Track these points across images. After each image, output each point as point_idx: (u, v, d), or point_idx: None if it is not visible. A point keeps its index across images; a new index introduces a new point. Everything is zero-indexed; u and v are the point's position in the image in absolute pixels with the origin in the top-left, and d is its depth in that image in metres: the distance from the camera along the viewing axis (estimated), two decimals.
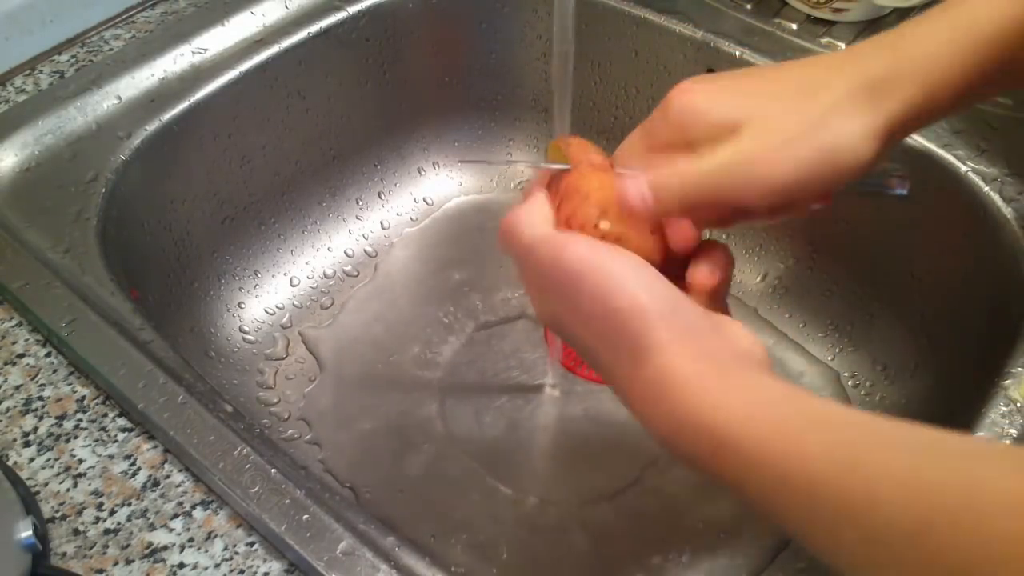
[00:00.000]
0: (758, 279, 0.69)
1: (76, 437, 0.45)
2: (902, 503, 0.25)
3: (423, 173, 0.78)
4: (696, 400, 0.31)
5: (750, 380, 0.32)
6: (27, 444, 0.44)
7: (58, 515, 0.42)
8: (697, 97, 0.37)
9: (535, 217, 0.38)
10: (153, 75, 0.63)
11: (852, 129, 0.35)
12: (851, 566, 0.27)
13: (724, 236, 0.70)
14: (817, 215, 0.40)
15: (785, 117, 0.35)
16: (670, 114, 0.37)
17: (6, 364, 0.48)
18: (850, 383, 0.64)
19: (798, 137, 0.35)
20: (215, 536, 0.41)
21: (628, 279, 0.34)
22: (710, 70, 0.65)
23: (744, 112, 0.36)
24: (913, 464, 0.26)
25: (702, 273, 0.38)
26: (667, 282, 0.35)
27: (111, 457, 0.44)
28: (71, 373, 0.47)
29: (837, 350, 0.66)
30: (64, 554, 0.40)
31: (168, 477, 0.43)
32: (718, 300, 0.38)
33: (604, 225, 0.37)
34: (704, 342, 0.33)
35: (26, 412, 0.46)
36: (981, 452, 0.26)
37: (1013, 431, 0.44)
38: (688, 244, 0.38)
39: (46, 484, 0.43)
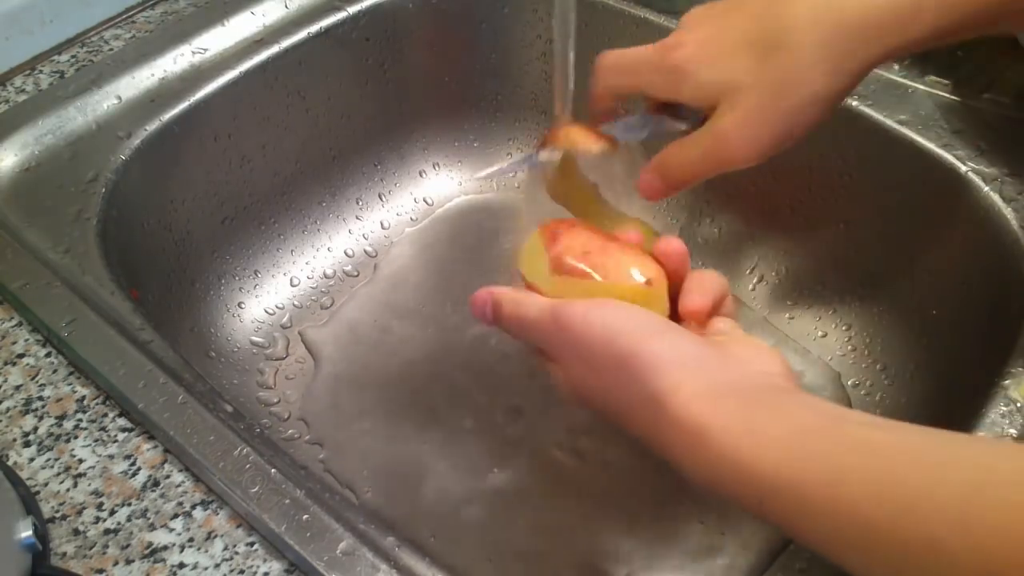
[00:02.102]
0: (758, 280, 0.69)
1: (76, 437, 0.45)
2: (964, 547, 0.24)
3: (423, 173, 0.78)
4: (723, 449, 0.30)
5: (773, 411, 0.31)
6: (27, 444, 0.44)
7: (58, 515, 0.42)
8: (694, 55, 0.40)
9: (525, 298, 0.39)
10: (153, 75, 0.63)
11: (818, 88, 0.38)
12: None
13: (720, 238, 0.71)
14: None
15: (757, 86, 0.38)
16: (669, 67, 0.40)
17: (6, 364, 0.48)
18: (850, 383, 0.64)
19: (768, 106, 0.38)
20: (215, 536, 0.41)
21: (623, 331, 0.34)
22: None
23: (723, 78, 0.39)
24: (967, 500, 0.25)
25: (692, 300, 0.38)
26: (666, 321, 0.35)
27: (111, 457, 0.44)
28: (71, 373, 0.47)
29: (837, 350, 0.66)
30: (64, 554, 0.40)
31: (168, 477, 0.43)
32: (714, 325, 0.38)
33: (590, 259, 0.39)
34: (719, 376, 0.32)
35: (26, 412, 0.46)
36: None
37: (1013, 431, 0.44)
38: (679, 272, 0.39)
39: (46, 484, 0.43)
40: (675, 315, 0.38)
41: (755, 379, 0.33)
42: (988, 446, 0.27)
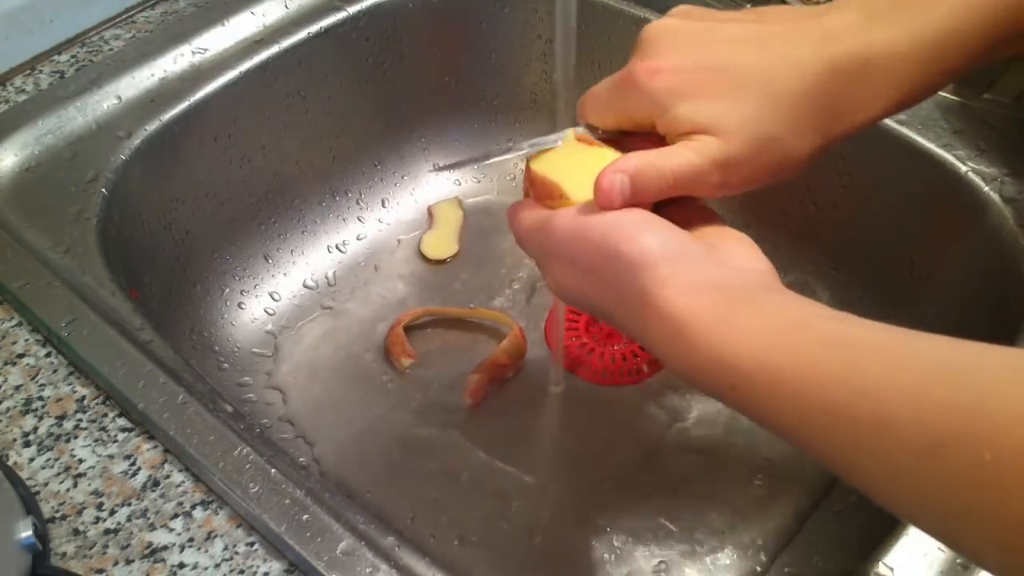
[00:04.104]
0: None
1: (76, 437, 0.45)
2: (912, 423, 0.26)
3: (423, 173, 0.78)
4: (706, 340, 0.32)
5: (756, 307, 0.32)
6: (27, 444, 0.44)
7: (58, 515, 0.42)
8: (674, 86, 0.37)
9: (527, 206, 0.41)
10: (153, 75, 0.63)
11: (805, 145, 0.37)
12: (871, 486, 0.28)
13: None
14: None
15: (748, 129, 0.37)
16: (646, 95, 0.38)
17: (6, 364, 0.48)
18: None
19: (756, 151, 0.37)
20: (215, 536, 0.41)
21: (613, 227, 0.35)
22: None
23: (716, 119, 0.37)
24: (922, 383, 0.27)
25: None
26: (655, 218, 0.36)
27: (111, 457, 0.44)
28: (71, 373, 0.47)
29: None
30: (64, 554, 0.40)
31: (168, 477, 0.43)
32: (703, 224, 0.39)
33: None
34: (703, 271, 0.33)
35: (26, 412, 0.46)
36: (990, 365, 0.27)
37: None
38: None
39: (46, 484, 0.43)
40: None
41: (740, 276, 0.34)
42: (954, 341, 0.28)
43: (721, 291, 0.33)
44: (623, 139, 0.41)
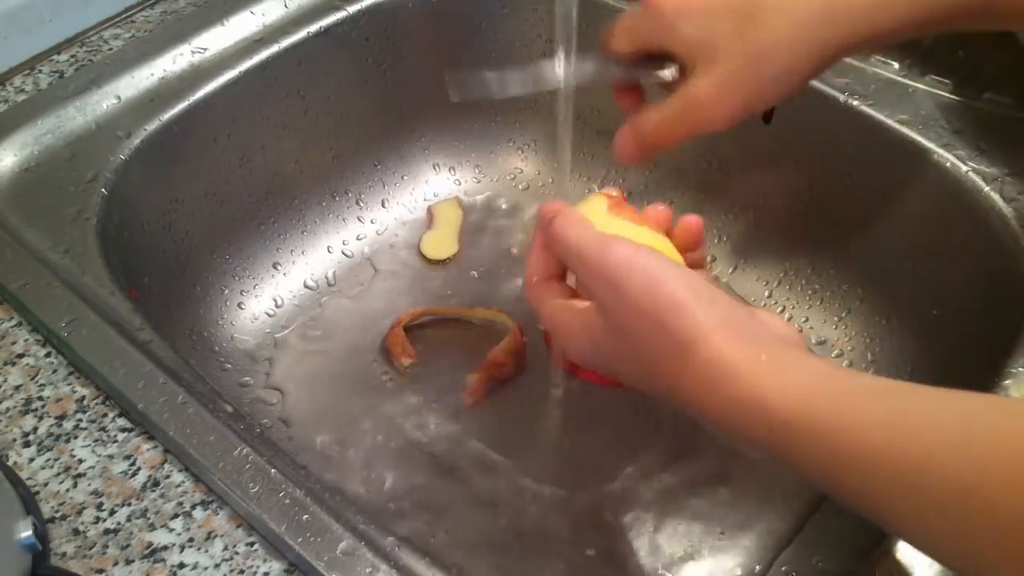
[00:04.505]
0: (756, 279, 0.69)
1: (76, 437, 0.45)
2: (956, 462, 0.26)
3: (423, 173, 0.78)
4: (747, 384, 0.33)
5: (794, 360, 0.34)
6: (27, 444, 0.44)
7: (58, 515, 0.42)
8: (675, 5, 0.42)
9: (580, 219, 0.41)
10: (153, 75, 0.63)
11: (791, 62, 0.40)
12: (908, 531, 0.29)
13: (720, 240, 0.71)
14: None
15: (734, 51, 0.40)
16: (656, 14, 0.44)
17: (6, 364, 0.48)
18: None
19: (741, 74, 0.40)
20: (215, 536, 0.41)
21: (669, 277, 0.36)
22: None
23: (703, 35, 0.41)
24: (965, 424, 0.27)
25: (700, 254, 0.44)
26: (699, 276, 0.37)
27: (111, 457, 0.44)
28: (71, 373, 0.47)
29: (835, 351, 0.66)
30: (64, 554, 0.40)
31: (168, 477, 0.43)
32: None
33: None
34: (744, 327, 0.35)
35: (26, 412, 0.46)
36: None
37: None
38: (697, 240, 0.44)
39: (46, 484, 0.43)
40: None
41: (777, 336, 0.36)
42: (989, 396, 0.29)
43: (760, 344, 0.34)
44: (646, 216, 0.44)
